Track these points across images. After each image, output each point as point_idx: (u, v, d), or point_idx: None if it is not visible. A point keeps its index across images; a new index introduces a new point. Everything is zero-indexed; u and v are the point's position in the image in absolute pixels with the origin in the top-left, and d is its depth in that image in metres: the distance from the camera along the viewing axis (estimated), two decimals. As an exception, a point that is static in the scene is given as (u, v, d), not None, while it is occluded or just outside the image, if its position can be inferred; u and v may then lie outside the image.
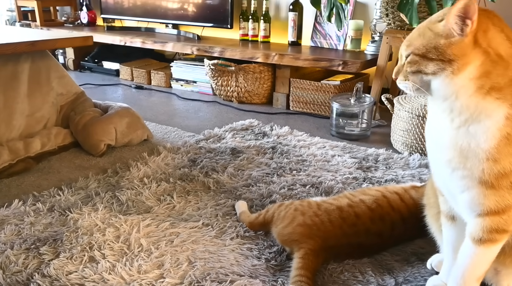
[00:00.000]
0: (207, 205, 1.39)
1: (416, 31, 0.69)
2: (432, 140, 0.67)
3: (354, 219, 1.11)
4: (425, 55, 0.64)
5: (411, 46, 0.67)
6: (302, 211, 1.14)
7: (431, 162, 0.70)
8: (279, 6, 3.01)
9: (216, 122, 2.35)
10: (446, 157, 0.62)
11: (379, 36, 2.50)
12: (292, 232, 1.11)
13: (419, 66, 0.65)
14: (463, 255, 0.65)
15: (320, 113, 2.46)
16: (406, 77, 0.68)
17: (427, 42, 0.64)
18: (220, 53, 2.71)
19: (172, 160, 1.70)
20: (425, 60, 0.64)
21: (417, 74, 0.65)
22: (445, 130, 0.62)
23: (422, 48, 0.64)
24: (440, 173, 0.66)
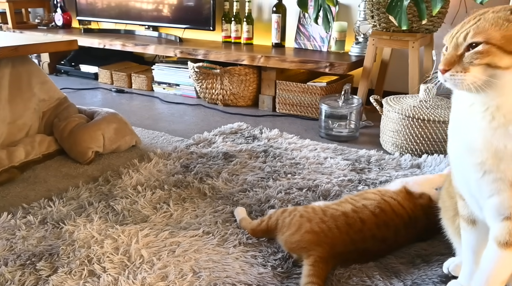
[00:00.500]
0: (205, 212, 1.36)
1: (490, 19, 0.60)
2: (460, 143, 0.64)
3: (360, 225, 1.11)
4: (503, 46, 0.57)
5: (483, 34, 0.59)
6: (308, 218, 1.13)
7: (455, 167, 0.69)
8: (262, 8, 3.00)
9: (203, 125, 2.32)
10: (477, 160, 0.61)
11: (363, 37, 2.52)
12: (300, 239, 1.09)
13: (493, 58, 0.58)
14: (487, 260, 0.65)
15: (307, 115, 2.46)
16: (467, 69, 0.59)
17: (508, 33, 0.57)
18: (204, 55, 2.68)
19: (164, 167, 1.67)
20: (501, 52, 0.57)
21: (485, 67, 0.58)
22: (479, 132, 0.60)
23: (501, 39, 0.57)
24: (466, 177, 0.65)
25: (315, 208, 1.17)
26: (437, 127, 1.77)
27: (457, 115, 0.65)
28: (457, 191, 0.71)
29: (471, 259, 0.71)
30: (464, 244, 0.72)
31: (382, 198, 1.17)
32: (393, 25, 2.10)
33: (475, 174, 0.62)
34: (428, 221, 1.19)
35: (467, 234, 0.71)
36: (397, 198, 1.20)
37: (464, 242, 0.72)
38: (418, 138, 1.80)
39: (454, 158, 0.68)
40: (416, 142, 1.81)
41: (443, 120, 1.75)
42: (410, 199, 1.21)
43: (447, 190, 0.81)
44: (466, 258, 0.72)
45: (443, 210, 0.83)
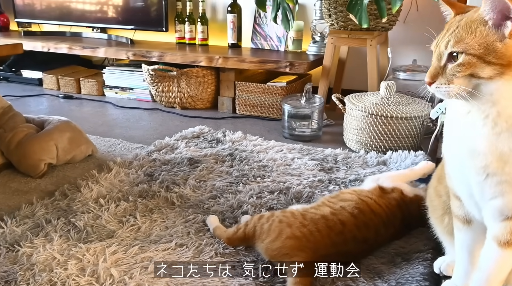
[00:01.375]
0: (175, 223, 1.29)
1: (464, 26, 0.60)
2: (460, 148, 0.63)
3: (340, 227, 1.09)
4: (482, 57, 0.57)
5: (461, 43, 0.59)
6: (288, 223, 1.09)
7: (454, 169, 0.68)
8: (216, 7, 2.93)
9: (162, 130, 2.23)
10: (480, 164, 0.60)
11: (320, 36, 2.53)
12: (282, 246, 1.05)
13: (475, 69, 0.58)
14: (487, 259, 0.65)
15: (268, 115, 2.43)
16: (451, 81, 0.60)
17: (483, 40, 0.57)
18: (159, 57, 2.58)
19: (126, 176, 1.57)
20: (481, 63, 0.57)
21: (469, 77, 0.58)
22: (482, 137, 0.59)
23: (479, 48, 0.57)
24: (466, 179, 0.64)
25: (294, 212, 1.14)
26: (400, 124, 1.79)
27: (454, 122, 0.64)
28: (453, 192, 0.70)
29: (466, 258, 0.70)
30: (458, 244, 0.71)
31: (359, 197, 1.16)
32: (351, 24, 2.12)
33: (478, 177, 0.61)
34: (403, 216, 1.20)
35: (461, 234, 0.70)
36: (373, 196, 1.19)
37: (459, 242, 0.71)
38: (382, 135, 1.82)
39: (453, 162, 0.67)
40: (380, 139, 1.83)
41: (405, 117, 1.78)
42: (384, 195, 1.20)
43: (435, 189, 0.80)
44: (460, 258, 0.71)
45: (431, 209, 0.83)
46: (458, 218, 0.70)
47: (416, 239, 1.19)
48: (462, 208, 0.69)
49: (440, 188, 0.78)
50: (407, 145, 1.83)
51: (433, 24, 2.49)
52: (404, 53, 2.50)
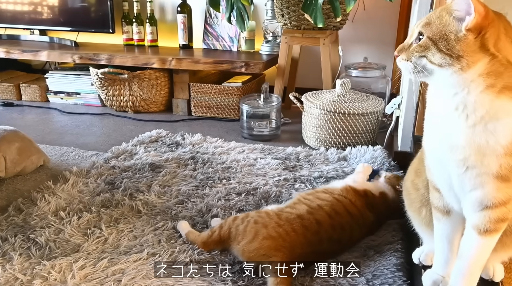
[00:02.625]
0: (144, 232, 1.24)
1: (437, 12, 0.63)
2: (439, 140, 0.66)
3: (316, 226, 1.09)
4: (436, 43, 0.60)
5: (427, 27, 0.62)
6: (263, 223, 1.09)
7: (432, 162, 0.70)
8: (165, 8, 2.87)
9: (116, 136, 2.15)
10: (459, 157, 0.63)
11: (272, 36, 2.55)
12: (259, 247, 1.05)
13: (428, 52, 0.61)
14: (467, 247, 0.68)
15: (225, 116, 2.41)
16: (410, 58, 0.63)
17: (443, 28, 0.60)
18: (108, 60, 2.48)
19: (85, 186, 1.49)
20: (435, 49, 0.61)
21: (422, 58, 0.62)
22: (459, 130, 0.62)
23: (437, 34, 0.61)
24: (446, 172, 0.67)
25: (269, 212, 1.14)
26: (357, 120, 1.85)
27: (433, 114, 0.67)
28: (432, 185, 0.73)
29: (446, 248, 0.73)
30: (438, 233, 0.74)
31: (333, 197, 1.18)
32: (304, 23, 2.15)
33: (457, 170, 0.64)
34: (375, 215, 1.23)
35: (441, 224, 0.73)
36: (348, 196, 1.21)
37: (438, 232, 0.74)
38: (340, 132, 1.87)
39: (432, 154, 0.70)
40: (338, 135, 1.87)
41: (362, 113, 1.84)
42: (358, 197, 1.23)
43: (413, 183, 0.83)
44: (440, 247, 0.74)
45: (408, 202, 0.86)
46: (438, 209, 0.73)
47: (385, 231, 1.23)
48: (442, 199, 0.72)
49: (418, 181, 0.81)
50: (364, 140, 1.89)
51: (379, 22, 2.60)
52: (353, 51, 2.58)
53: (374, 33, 2.53)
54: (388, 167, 1.62)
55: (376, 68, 2.25)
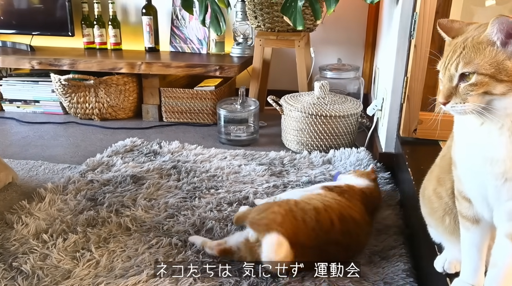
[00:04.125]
0: (138, 251, 1.17)
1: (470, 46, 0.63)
2: (474, 154, 0.66)
3: (329, 226, 1.08)
4: (494, 75, 0.60)
5: (472, 64, 0.61)
6: (278, 204, 1.11)
7: (465, 174, 0.70)
8: (127, 10, 2.75)
9: (85, 146, 2.03)
10: (499, 170, 0.63)
11: (243, 38, 2.51)
12: (265, 216, 1.06)
13: (488, 87, 0.60)
14: (502, 256, 0.68)
15: (199, 121, 2.35)
16: (465, 100, 0.62)
17: (493, 60, 0.60)
18: (71, 65, 2.34)
19: (64, 204, 1.39)
20: (494, 81, 0.60)
21: (482, 95, 0.61)
22: (499, 145, 0.62)
23: (490, 68, 0.60)
24: (479, 183, 0.67)
25: (290, 200, 1.15)
26: (338, 122, 1.85)
27: (468, 133, 0.68)
28: (462, 195, 0.73)
29: (476, 256, 0.74)
30: (466, 242, 0.74)
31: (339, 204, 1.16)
32: (278, 25, 2.13)
33: (496, 182, 0.64)
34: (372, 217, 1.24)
35: (470, 233, 0.73)
36: (351, 204, 1.20)
37: (467, 240, 0.74)
38: (322, 134, 1.86)
39: (465, 167, 0.70)
40: (320, 138, 1.87)
41: (343, 115, 1.84)
42: (355, 201, 1.22)
43: (435, 191, 0.82)
44: (469, 256, 0.74)
45: (429, 210, 0.85)
46: (467, 218, 0.73)
47: (385, 235, 1.23)
48: (472, 209, 0.72)
49: (441, 190, 0.81)
50: (344, 142, 1.89)
51: (348, 24, 2.63)
52: (324, 53, 2.60)
53: (343, 35, 2.56)
54: (375, 169, 1.63)
55: (350, 69, 2.27)
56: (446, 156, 0.81)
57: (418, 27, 1.41)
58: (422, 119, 1.51)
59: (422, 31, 1.42)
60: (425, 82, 1.48)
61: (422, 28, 1.41)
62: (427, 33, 1.42)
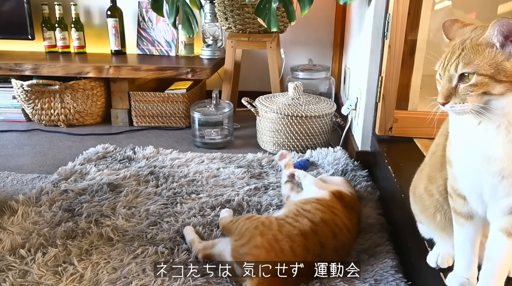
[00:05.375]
0: (123, 262, 1.13)
1: (469, 47, 0.64)
2: (471, 152, 0.68)
3: (319, 250, 1.04)
4: (494, 76, 0.62)
5: (471, 65, 0.63)
6: (261, 231, 1.04)
7: (460, 172, 0.72)
8: (91, 12, 2.66)
9: (54, 154, 1.95)
10: (497, 168, 0.65)
11: (213, 40, 2.49)
12: (247, 253, 1.00)
13: (487, 87, 0.62)
14: (497, 250, 0.70)
15: (171, 125, 2.31)
16: (465, 100, 0.64)
17: (492, 61, 0.62)
18: (33, 70, 2.24)
19: (39, 216, 1.32)
20: (493, 82, 0.62)
21: (481, 95, 0.63)
22: (497, 143, 0.64)
23: (489, 69, 0.62)
24: (475, 181, 0.69)
25: (272, 221, 1.08)
26: (314, 122, 1.87)
27: (465, 132, 0.69)
28: (457, 193, 0.75)
29: (470, 250, 0.76)
30: (460, 238, 0.77)
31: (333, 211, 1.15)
32: (250, 27, 2.13)
33: (493, 180, 0.67)
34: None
35: (464, 228, 0.75)
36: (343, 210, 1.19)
37: (461, 236, 0.76)
38: (298, 135, 1.87)
39: (461, 165, 0.72)
40: (296, 138, 1.88)
41: (318, 115, 1.86)
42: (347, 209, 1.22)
43: (426, 189, 0.84)
44: (463, 251, 0.77)
45: (421, 208, 0.87)
46: (461, 214, 0.75)
47: (370, 233, 1.25)
48: (466, 205, 0.74)
49: (432, 187, 0.83)
50: (320, 141, 1.92)
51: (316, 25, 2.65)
52: (294, 53, 2.62)
53: (312, 35, 2.59)
54: (352, 167, 1.66)
55: (321, 69, 2.30)
56: (436, 154, 0.83)
57: (391, 28, 1.45)
58: (397, 117, 1.55)
59: (396, 32, 1.45)
60: (399, 81, 1.52)
61: (395, 28, 1.45)
62: (400, 33, 1.46)
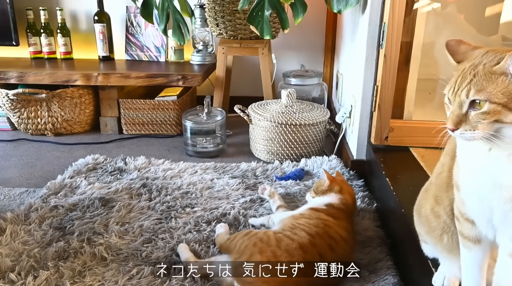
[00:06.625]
0: (118, 284, 1.09)
1: (481, 74, 0.63)
2: (482, 178, 0.66)
3: (318, 261, 1.04)
4: (506, 104, 0.60)
5: (484, 92, 0.61)
6: (260, 248, 1.04)
7: (470, 198, 0.70)
8: (77, 17, 2.60)
9: (42, 165, 1.89)
10: (508, 195, 0.63)
11: (203, 45, 2.45)
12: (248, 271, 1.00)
13: (499, 115, 0.61)
14: (505, 275, 0.69)
15: (162, 132, 2.27)
16: (476, 127, 0.63)
17: (505, 89, 0.60)
18: (19, 78, 2.18)
19: (29, 235, 1.28)
20: (506, 110, 0.60)
21: (493, 122, 0.61)
22: (508, 171, 0.63)
23: (502, 97, 0.60)
24: (485, 207, 0.68)
25: (270, 236, 1.08)
26: (308, 130, 1.85)
27: (475, 158, 0.68)
28: (465, 217, 0.73)
29: (478, 275, 0.75)
30: (468, 262, 0.75)
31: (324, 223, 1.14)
32: (241, 33, 2.10)
33: (504, 206, 0.65)
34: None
35: (472, 252, 0.74)
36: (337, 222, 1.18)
37: (468, 260, 0.75)
38: (293, 143, 1.85)
39: (470, 190, 0.70)
40: (290, 147, 1.86)
41: (312, 123, 1.84)
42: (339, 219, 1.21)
43: (433, 211, 0.83)
44: (471, 275, 0.75)
45: (427, 229, 0.85)
46: (468, 238, 0.73)
47: (369, 247, 1.23)
48: (474, 229, 0.73)
49: (439, 209, 0.81)
50: (314, 150, 1.90)
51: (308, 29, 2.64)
52: (285, 59, 2.59)
53: (303, 40, 2.57)
54: (348, 176, 1.64)
55: (313, 75, 2.28)
56: (442, 175, 0.81)
57: (387, 37, 1.43)
58: (393, 126, 1.53)
59: (391, 41, 1.44)
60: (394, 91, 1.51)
61: (391, 38, 1.43)
62: (395, 43, 1.44)
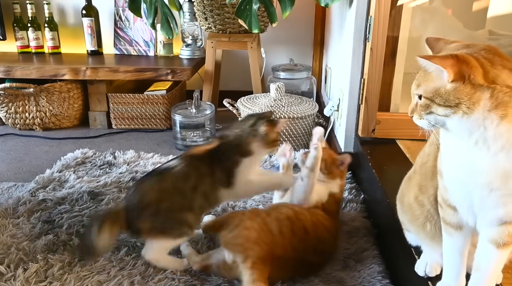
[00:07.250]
0: (110, 274, 1.10)
1: (421, 72, 0.67)
2: (460, 167, 0.68)
3: (304, 234, 1.07)
4: (433, 99, 0.65)
5: (421, 87, 0.67)
6: (249, 216, 1.06)
7: (452, 184, 0.72)
8: (65, 11, 2.59)
9: (30, 160, 1.89)
10: (484, 181, 0.65)
11: (192, 39, 2.45)
12: (237, 235, 1.02)
13: (431, 109, 0.66)
14: (486, 260, 0.71)
15: (151, 127, 2.27)
16: (421, 117, 0.68)
17: (433, 86, 0.65)
18: (6, 73, 2.16)
19: (17, 229, 1.28)
20: (435, 104, 0.65)
21: (431, 114, 0.66)
22: (481, 158, 0.64)
23: (430, 93, 0.65)
24: (466, 193, 0.70)
25: (259, 210, 1.12)
26: (296, 123, 1.86)
27: (451, 148, 0.71)
28: (447, 203, 0.75)
29: (458, 260, 0.77)
30: (449, 248, 0.77)
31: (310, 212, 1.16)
32: (230, 27, 2.10)
33: (481, 192, 0.67)
34: None
35: (453, 238, 0.76)
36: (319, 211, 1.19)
37: (449, 246, 0.77)
38: (281, 136, 1.87)
39: (452, 178, 0.72)
40: (280, 140, 1.87)
41: (301, 116, 1.86)
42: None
43: (417, 199, 0.85)
44: (451, 261, 0.77)
45: (410, 217, 0.87)
46: (450, 225, 0.75)
47: (355, 238, 1.25)
48: (456, 216, 0.74)
49: (423, 198, 0.83)
50: (302, 142, 1.92)
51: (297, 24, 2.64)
52: (274, 53, 2.60)
53: (292, 34, 2.58)
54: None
55: (302, 69, 2.29)
56: (427, 164, 0.83)
57: (373, 31, 1.45)
58: (379, 119, 1.56)
59: (378, 35, 1.46)
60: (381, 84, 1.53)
61: (377, 31, 1.45)
62: (382, 36, 1.46)
